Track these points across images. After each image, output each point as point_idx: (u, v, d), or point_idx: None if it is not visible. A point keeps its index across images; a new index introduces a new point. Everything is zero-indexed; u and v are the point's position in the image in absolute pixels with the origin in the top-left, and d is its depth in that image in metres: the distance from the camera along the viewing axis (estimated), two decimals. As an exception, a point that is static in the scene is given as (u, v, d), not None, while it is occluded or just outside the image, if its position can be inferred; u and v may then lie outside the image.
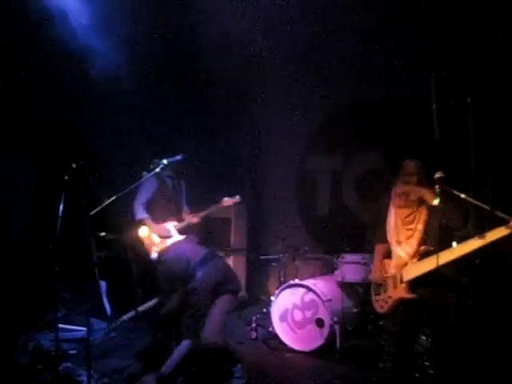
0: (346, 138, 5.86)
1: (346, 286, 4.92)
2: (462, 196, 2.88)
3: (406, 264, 3.21)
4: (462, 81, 4.99)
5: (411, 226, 3.21)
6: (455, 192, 2.91)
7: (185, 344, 3.66)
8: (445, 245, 3.02)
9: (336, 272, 4.93)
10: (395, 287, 3.24)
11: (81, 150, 4.91)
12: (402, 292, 3.19)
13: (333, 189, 6.02)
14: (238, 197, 4.53)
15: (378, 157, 5.68)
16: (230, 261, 5.95)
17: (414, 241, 3.17)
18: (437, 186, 2.95)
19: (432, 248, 3.07)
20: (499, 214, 2.72)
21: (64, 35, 4.57)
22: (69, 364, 4.02)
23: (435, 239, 3.05)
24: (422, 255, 3.13)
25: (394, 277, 3.26)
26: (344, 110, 5.92)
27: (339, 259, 4.92)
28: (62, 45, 4.59)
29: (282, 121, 6.03)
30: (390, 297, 3.27)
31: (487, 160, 4.88)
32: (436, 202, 2.91)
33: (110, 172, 5.01)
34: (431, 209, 3.09)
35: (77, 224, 3.66)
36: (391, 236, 3.32)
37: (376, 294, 3.40)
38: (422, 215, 3.16)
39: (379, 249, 3.45)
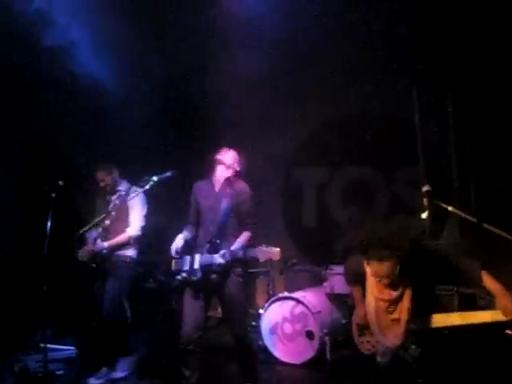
0: (331, 151, 5.93)
1: (334, 297, 4.96)
2: (450, 209, 2.95)
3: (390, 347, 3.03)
4: (443, 92, 5.13)
5: (395, 315, 3.01)
6: (443, 205, 2.98)
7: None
8: None
9: (325, 284, 4.98)
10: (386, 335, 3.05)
11: (67, 167, 4.87)
12: (396, 341, 2.99)
13: (319, 201, 6.07)
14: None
15: (362, 169, 5.78)
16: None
17: (398, 327, 2.97)
18: (425, 200, 3.01)
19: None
20: (486, 226, 2.79)
21: (49, 50, 4.55)
22: (57, 385, 3.96)
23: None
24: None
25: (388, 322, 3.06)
26: (328, 123, 5.99)
27: (327, 271, 4.97)
28: (47, 57, 4.57)
29: (266, 136, 6.08)
30: (377, 342, 3.12)
31: (469, 170, 5.01)
32: (424, 215, 2.96)
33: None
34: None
35: (67, 243, 3.62)
36: (372, 323, 3.10)
37: (361, 335, 3.27)
38: (406, 302, 2.96)
39: (357, 292, 3.27)
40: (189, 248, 3.77)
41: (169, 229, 5.76)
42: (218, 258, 3.53)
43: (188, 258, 3.71)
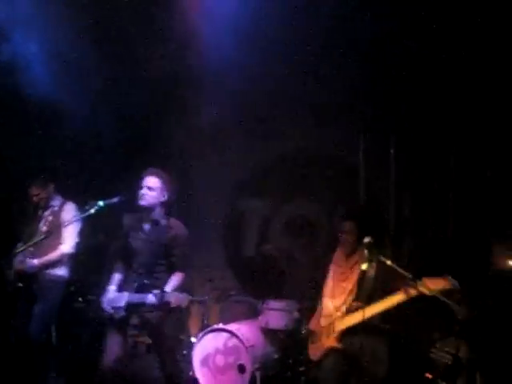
0: (274, 184, 6.04)
1: (268, 331, 4.99)
2: (388, 263, 3.09)
3: (331, 316, 3.45)
4: (387, 134, 5.41)
5: (343, 284, 3.46)
6: (382, 258, 3.12)
7: None
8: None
9: (260, 317, 5.01)
10: (327, 336, 3.43)
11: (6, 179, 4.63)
12: (332, 341, 3.39)
13: (260, 233, 6.13)
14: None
15: (307, 205, 5.92)
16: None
17: (343, 296, 3.43)
18: (366, 251, 3.16)
19: (362, 304, 3.31)
20: (420, 285, 2.96)
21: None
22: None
23: (366, 296, 3.31)
24: (353, 310, 3.34)
25: (328, 327, 3.44)
26: (277, 157, 6.11)
27: (264, 305, 5.01)
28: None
29: (208, 164, 6.11)
30: (322, 345, 3.48)
31: (407, 220, 5.27)
32: (364, 266, 3.11)
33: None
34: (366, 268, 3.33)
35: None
36: (327, 290, 3.60)
37: (312, 343, 3.60)
38: (354, 275, 3.38)
39: (321, 303, 3.68)
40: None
41: (105, 247, 5.62)
42: (151, 298, 3.46)
43: (116, 294, 3.64)
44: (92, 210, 3.54)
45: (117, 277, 3.77)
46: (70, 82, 4.43)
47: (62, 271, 4.33)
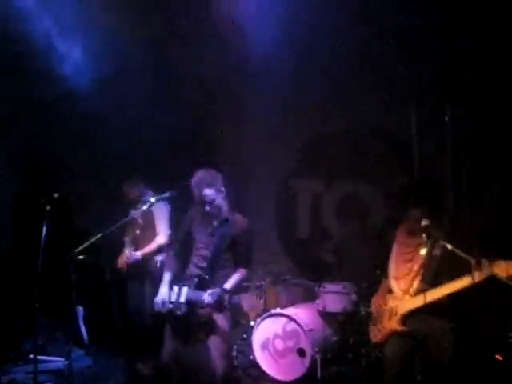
0: (326, 163, 5.91)
1: (326, 315, 4.96)
2: (449, 247, 2.93)
3: (396, 298, 3.35)
4: (441, 106, 5.12)
5: (409, 265, 3.30)
6: (442, 242, 2.96)
7: None
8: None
9: (317, 301, 4.97)
10: (390, 319, 3.34)
11: (63, 178, 4.82)
12: (394, 324, 3.29)
13: (313, 213, 6.05)
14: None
15: (358, 182, 5.77)
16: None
17: (409, 278, 3.28)
18: (424, 235, 3.01)
19: (428, 287, 3.16)
20: (494, 267, 2.78)
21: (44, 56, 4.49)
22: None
23: (433, 277, 3.13)
24: (418, 292, 3.21)
25: (391, 309, 3.34)
26: (326, 135, 5.97)
27: (320, 288, 4.97)
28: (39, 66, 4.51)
29: (261, 146, 6.05)
30: (383, 327, 3.39)
31: (464, 185, 5.00)
32: (423, 252, 2.96)
33: (97, 205, 4.93)
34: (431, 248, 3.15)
35: (62, 261, 3.57)
36: (391, 270, 3.45)
37: (373, 325, 3.51)
38: (419, 256, 3.22)
39: (385, 283, 3.55)
40: (175, 278, 3.63)
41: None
42: (205, 297, 3.38)
43: (176, 288, 3.54)
44: (145, 207, 3.62)
45: (169, 275, 3.69)
46: (122, 85, 4.52)
47: (159, 257, 4.72)
